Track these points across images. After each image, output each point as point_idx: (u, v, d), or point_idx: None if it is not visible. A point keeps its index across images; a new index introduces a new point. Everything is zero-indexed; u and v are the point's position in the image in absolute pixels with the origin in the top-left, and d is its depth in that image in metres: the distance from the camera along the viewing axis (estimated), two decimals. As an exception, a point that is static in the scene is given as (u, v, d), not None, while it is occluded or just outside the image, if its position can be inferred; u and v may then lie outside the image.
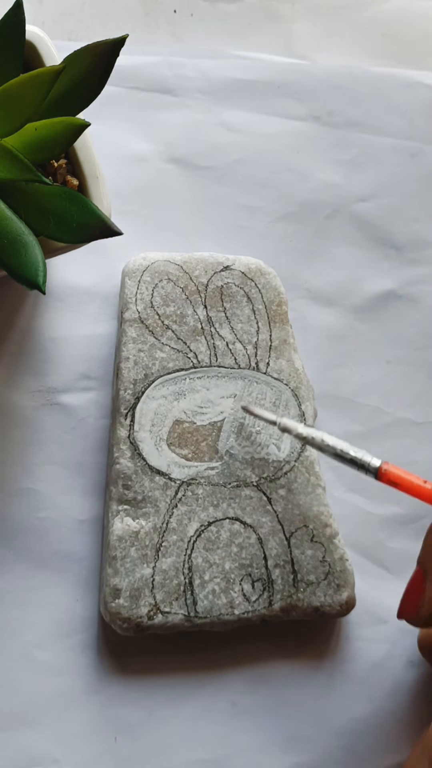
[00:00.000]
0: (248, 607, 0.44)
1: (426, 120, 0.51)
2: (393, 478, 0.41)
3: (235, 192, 0.49)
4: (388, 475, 0.41)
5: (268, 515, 0.45)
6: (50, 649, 0.45)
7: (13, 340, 0.46)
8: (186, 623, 0.44)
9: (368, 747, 0.46)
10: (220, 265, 0.46)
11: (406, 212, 0.50)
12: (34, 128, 0.36)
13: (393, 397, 0.49)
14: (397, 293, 0.50)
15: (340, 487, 0.48)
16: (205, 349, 0.45)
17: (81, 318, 0.47)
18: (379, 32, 0.52)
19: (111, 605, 0.43)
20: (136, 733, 0.45)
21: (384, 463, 0.41)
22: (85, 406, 0.47)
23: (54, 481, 0.46)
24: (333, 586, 0.45)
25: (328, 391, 0.49)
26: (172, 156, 0.49)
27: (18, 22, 0.35)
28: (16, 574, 0.45)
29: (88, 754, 0.45)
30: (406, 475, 0.41)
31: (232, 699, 0.46)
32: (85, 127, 0.36)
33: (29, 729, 0.45)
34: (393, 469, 0.41)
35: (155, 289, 0.45)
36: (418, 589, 0.41)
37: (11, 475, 0.46)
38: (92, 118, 0.37)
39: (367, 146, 0.50)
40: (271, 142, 0.49)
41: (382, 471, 0.41)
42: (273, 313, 0.46)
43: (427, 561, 0.41)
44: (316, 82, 0.50)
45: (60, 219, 0.37)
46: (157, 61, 0.49)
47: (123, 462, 0.44)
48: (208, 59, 0.49)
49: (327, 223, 0.50)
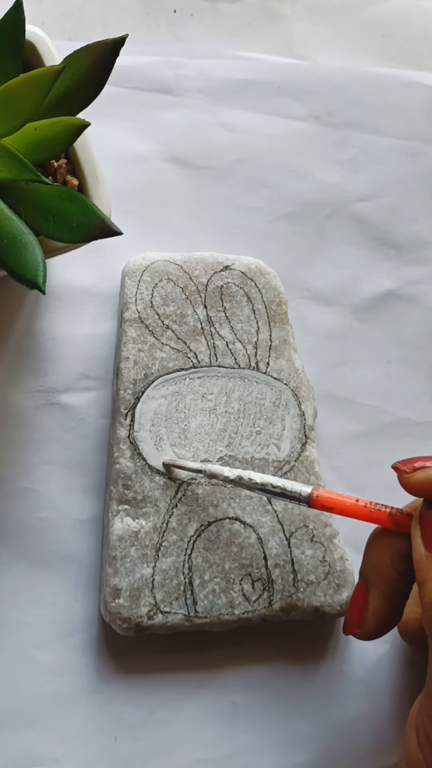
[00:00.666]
0: (248, 607, 0.44)
1: (426, 120, 0.51)
2: (325, 503, 0.41)
3: (235, 192, 0.49)
4: (321, 501, 0.41)
5: (268, 515, 0.45)
6: (50, 649, 0.45)
7: (13, 339, 0.46)
8: (186, 623, 0.44)
9: (368, 747, 0.46)
10: (220, 265, 0.46)
11: (406, 212, 0.50)
12: (34, 128, 0.36)
13: (393, 397, 0.49)
14: (397, 293, 0.50)
15: (340, 487, 0.48)
16: (205, 349, 0.45)
17: (81, 318, 0.47)
18: (379, 32, 0.52)
19: (111, 605, 0.43)
20: (136, 733, 0.45)
21: (315, 489, 0.41)
22: (85, 406, 0.47)
23: (54, 480, 0.46)
24: (333, 586, 0.45)
25: (328, 391, 0.49)
26: (172, 156, 0.49)
27: (18, 22, 0.35)
28: (16, 574, 0.45)
29: (88, 754, 0.45)
30: (338, 497, 0.41)
31: (232, 699, 0.46)
32: (85, 127, 0.36)
33: (29, 729, 0.45)
34: (324, 494, 0.41)
35: (155, 289, 0.45)
36: (361, 602, 0.40)
37: (11, 474, 0.46)
38: (92, 118, 0.37)
39: (367, 146, 0.50)
40: (271, 142, 0.49)
41: (314, 498, 0.41)
42: (273, 313, 0.46)
43: (367, 573, 0.40)
44: (316, 82, 0.50)
45: (60, 219, 0.37)
46: (157, 61, 0.49)
47: (123, 462, 0.44)
48: (208, 59, 0.49)
49: (327, 223, 0.50)
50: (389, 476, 0.49)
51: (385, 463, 0.49)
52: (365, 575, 0.41)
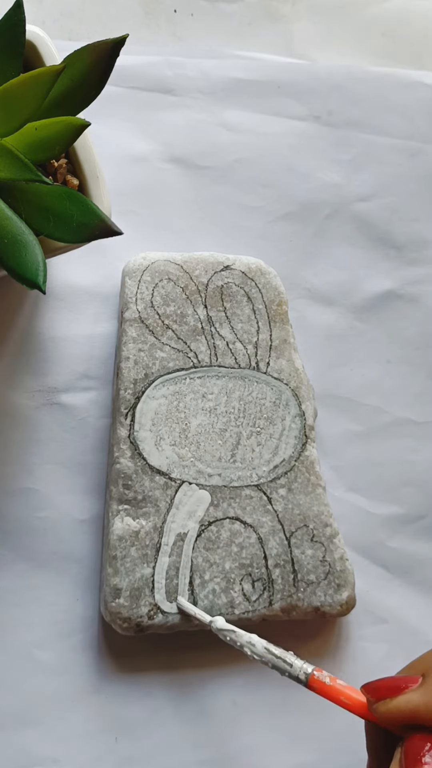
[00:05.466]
0: (248, 607, 0.44)
1: (426, 120, 0.51)
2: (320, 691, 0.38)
3: (235, 192, 0.49)
4: (315, 684, 0.38)
5: (269, 515, 0.45)
6: (50, 649, 0.45)
7: (13, 340, 0.46)
8: (186, 623, 0.44)
9: (368, 747, 0.46)
10: (220, 264, 0.46)
11: (406, 212, 0.50)
12: (34, 128, 0.36)
13: (393, 397, 0.49)
14: (397, 293, 0.50)
15: (340, 487, 0.48)
16: (205, 349, 0.45)
17: (81, 318, 0.47)
18: (379, 32, 0.52)
19: (111, 605, 0.43)
20: (136, 733, 0.45)
21: (315, 671, 0.38)
22: (85, 406, 0.47)
23: (54, 480, 0.46)
24: (333, 586, 0.45)
25: (328, 391, 0.49)
26: (172, 156, 0.49)
27: (18, 22, 0.35)
28: (16, 574, 0.45)
29: (88, 754, 0.45)
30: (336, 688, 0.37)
31: (233, 699, 0.46)
32: (85, 127, 0.36)
33: (29, 729, 0.45)
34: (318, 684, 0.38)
35: (155, 289, 0.45)
36: (400, 688, 0.35)
37: (11, 474, 0.46)
38: (92, 118, 0.37)
39: (367, 146, 0.50)
40: (271, 142, 0.49)
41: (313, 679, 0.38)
42: (273, 313, 0.46)
43: (370, 754, 0.37)
44: (316, 82, 0.50)
45: (60, 219, 0.37)
46: (157, 61, 0.49)
47: (123, 462, 0.44)
48: (208, 59, 0.49)
49: (327, 223, 0.50)
50: (389, 476, 0.49)
51: (385, 463, 0.49)
52: (369, 754, 0.37)
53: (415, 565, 0.49)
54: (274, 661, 0.39)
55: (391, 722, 0.34)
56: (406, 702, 0.34)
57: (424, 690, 0.34)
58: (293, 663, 0.39)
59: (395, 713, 0.34)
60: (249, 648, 0.40)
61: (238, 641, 0.41)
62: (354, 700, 0.37)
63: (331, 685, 0.37)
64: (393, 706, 0.34)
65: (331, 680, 0.37)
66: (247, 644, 0.40)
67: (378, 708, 0.35)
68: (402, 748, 0.34)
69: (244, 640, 0.41)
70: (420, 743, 0.33)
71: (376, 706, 0.35)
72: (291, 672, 0.39)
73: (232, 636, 0.41)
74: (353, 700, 0.37)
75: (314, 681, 0.38)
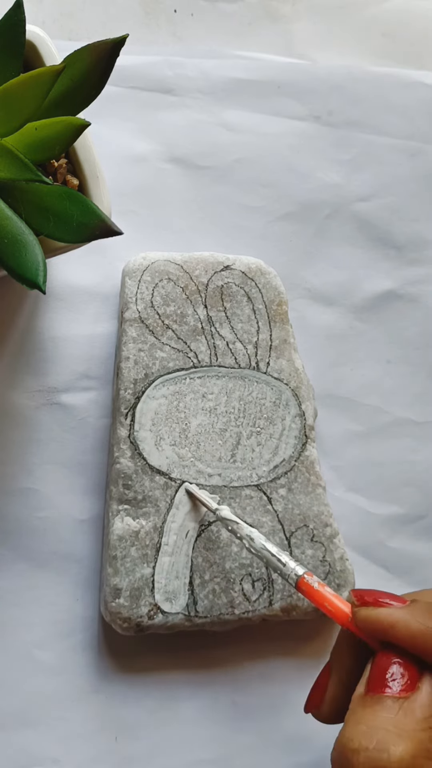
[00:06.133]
0: (248, 607, 0.44)
1: (426, 120, 0.51)
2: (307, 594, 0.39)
3: (235, 192, 0.49)
4: (303, 587, 0.39)
5: (269, 515, 0.45)
6: (50, 648, 0.45)
7: (13, 339, 0.46)
8: (186, 623, 0.44)
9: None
10: (220, 264, 0.46)
11: (406, 212, 0.50)
12: (34, 128, 0.36)
13: (393, 397, 0.49)
14: (397, 293, 0.50)
15: (340, 487, 0.48)
16: (205, 349, 0.45)
17: (81, 318, 0.47)
18: (379, 32, 0.52)
19: (111, 605, 0.43)
20: (136, 733, 0.45)
21: (306, 574, 0.39)
22: (85, 406, 0.47)
23: (54, 480, 0.46)
24: (333, 586, 0.45)
25: (328, 391, 0.49)
26: (172, 156, 0.49)
27: (18, 22, 0.35)
28: (16, 574, 0.45)
29: (88, 754, 0.45)
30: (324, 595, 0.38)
31: (233, 699, 0.46)
32: (85, 127, 0.36)
33: (29, 729, 0.45)
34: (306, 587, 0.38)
35: (155, 289, 0.45)
36: (323, 685, 0.38)
37: (11, 474, 0.46)
38: (92, 118, 0.37)
39: (367, 146, 0.50)
40: (271, 142, 0.49)
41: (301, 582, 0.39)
42: (273, 313, 0.46)
43: (333, 657, 0.39)
44: (316, 82, 0.50)
45: (60, 219, 0.37)
46: (157, 61, 0.49)
47: (123, 462, 0.44)
48: (208, 59, 0.49)
49: (327, 223, 0.50)
50: (389, 476, 0.49)
51: (385, 463, 0.49)
52: (331, 658, 0.39)
53: (415, 565, 0.49)
54: (268, 557, 0.40)
55: (367, 629, 0.35)
56: (388, 614, 0.35)
57: (408, 610, 0.35)
58: (287, 563, 0.40)
59: (374, 621, 0.35)
60: (248, 541, 0.41)
61: (239, 532, 0.41)
62: (337, 608, 0.37)
63: (318, 590, 0.38)
64: (373, 614, 0.35)
65: (320, 585, 0.38)
66: (247, 537, 0.41)
67: (359, 611, 0.36)
68: (371, 664, 0.35)
69: (244, 532, 0.41)
70: (388, 661, 0.34)
71: (358, 609, 0.36)
72: (283, 571, 0.40)
73: (234, 527, 0.42)
74: (337, 608, 0.37)
75: (303, 583, 0.39)
